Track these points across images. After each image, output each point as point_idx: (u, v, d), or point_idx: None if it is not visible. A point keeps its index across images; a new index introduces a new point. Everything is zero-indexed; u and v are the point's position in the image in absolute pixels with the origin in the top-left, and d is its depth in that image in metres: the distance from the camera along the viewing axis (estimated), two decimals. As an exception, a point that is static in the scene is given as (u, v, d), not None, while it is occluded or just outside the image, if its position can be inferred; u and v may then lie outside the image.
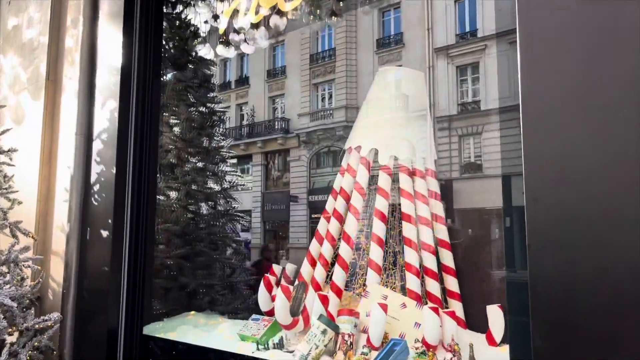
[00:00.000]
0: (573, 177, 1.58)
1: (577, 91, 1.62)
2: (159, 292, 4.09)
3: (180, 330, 3.63)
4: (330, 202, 3.47)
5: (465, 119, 3.26)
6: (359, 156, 3.35)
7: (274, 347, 2.96)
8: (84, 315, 3.48)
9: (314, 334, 2.72)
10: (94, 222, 3.48)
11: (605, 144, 1.56)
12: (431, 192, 3.21)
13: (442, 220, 3.18)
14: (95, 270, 3.42)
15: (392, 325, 2.82)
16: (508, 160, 2.92)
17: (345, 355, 2.68)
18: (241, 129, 5.63)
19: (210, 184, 4.74)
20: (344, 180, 3.41)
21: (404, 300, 2.89)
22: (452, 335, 2.62)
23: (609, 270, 1.49)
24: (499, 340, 2.78)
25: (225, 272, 4.47)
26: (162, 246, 4.19)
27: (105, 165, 3.49)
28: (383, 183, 3.22)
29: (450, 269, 3.09)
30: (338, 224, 3.34)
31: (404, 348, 2.61)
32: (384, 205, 3.19)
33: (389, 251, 3.23)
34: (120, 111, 3.44)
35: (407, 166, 3.20)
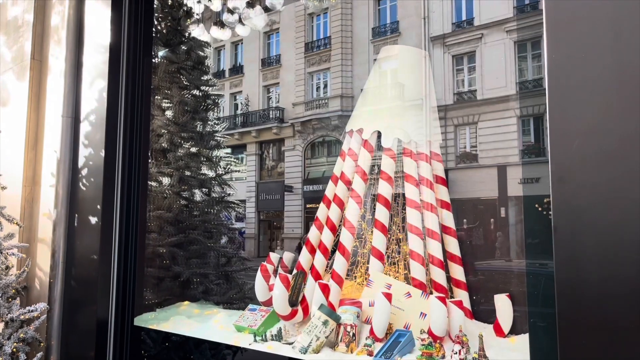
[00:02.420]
0: (602, 153, 1.44)
1: (604, 67, 1.48)
2: (151, 282, 3.93)
3: (174, 321, 3.49)
4: (331, 187, 3.31)
5: (461, 109, 3.17)
6: (361, 139, 3.20)
7: (272, 339, 2.82)
8: (72, 305, 3.32)
9: (314, 324, 2.58)
10: (82, 208, 3.32)
11: (636, 118, 1.42)
12: (436, 176, 3.06)
13: (447, 206, 3.03)
14: (83, 258, 3.26)
15: (397, 315, 2.69)
16: (504, 150, 2.88)
17: (347, 347, 2.55)
18: (235, 118, 5.49)
19: (204, 170, 4.57)
20: (345, 164, 3.25)
21: (409, 289, 2.76)
22: (460, 326, 2.49)
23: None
24: (507, 331, 2.66)
25: (220, 261, 4.31)
26: (154, 234, 4.02)
27: (93, 148, 3.31)
28: (386, 167, 3.07)
29: (456, 257, 2.96)
30: (339, 210, 3.20)
31: (409, 339, 2.48)
32: (387, 190, 3.04)
33: (392, 239, 3.09)
34: (109, 91, 3.26)
35: (411, 149, 3.05)
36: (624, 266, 1.38)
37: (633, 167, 1.40)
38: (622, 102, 1.44)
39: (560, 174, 1.48)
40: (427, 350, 2.37)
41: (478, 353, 2.33)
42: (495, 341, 2.60)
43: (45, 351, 3.31)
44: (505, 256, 2.91)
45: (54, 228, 3.41)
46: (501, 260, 2.93)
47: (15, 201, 3.61)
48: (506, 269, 2.87)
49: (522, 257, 2.81)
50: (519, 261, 2.83)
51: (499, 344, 2.57)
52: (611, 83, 1.46)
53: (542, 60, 2.83)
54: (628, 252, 1.36)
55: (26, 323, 3.21)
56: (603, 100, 1.45)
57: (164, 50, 4.27)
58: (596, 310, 1.43)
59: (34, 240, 3.57)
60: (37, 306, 3.12)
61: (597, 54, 1.49)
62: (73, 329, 3.30)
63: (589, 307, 1.44)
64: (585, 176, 1.45)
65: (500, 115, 3.02)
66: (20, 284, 3.40)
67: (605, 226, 1.42)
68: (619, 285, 1.39)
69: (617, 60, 1.46)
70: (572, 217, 1.47)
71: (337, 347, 2.58)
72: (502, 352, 2.45)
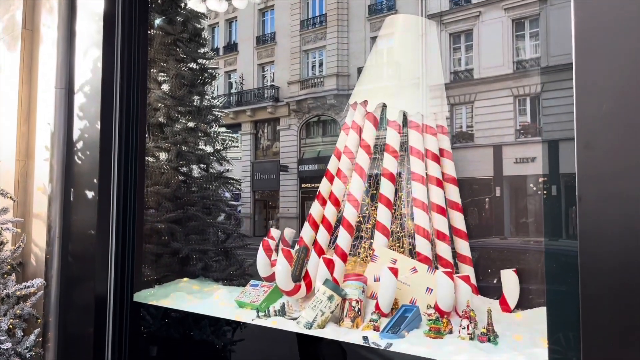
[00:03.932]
0: (633, 118, 1.37)
1: (636, 20, 1.39)
2: (149, 258, 3.87)
3: (173, 297, 3.44)
4: (333, 161, 3.23)
5: (457, 88, 3.12)
6: (365, 112, 3.11)
7: (276, 314, 2.77)
8: (69, 281, 3.26)
9: (319, 299, 2.53)
10: (78, 182, 3.22)
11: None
12: (443, 150, 2.99)
13: (454, 180, 2.97)
14: (80, 233, 3.18)
15: (403, 290, 2.64)
16: (500, 129, 2.86)
17: (353, 322, 2.51)
18: (230, 97, 5.39)
19: (202, 146, 4.47)
20: (348, 138, 3.17)
21: (415, 264, 2.71)
22: (467, 301, 2.44)
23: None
24: (513, 306, 2.63)
25: (219, 238, 4.25)
26: (152, 210, 3.94)
27: (88, 121, 3.21)
28: (391, 140, 2.99)
29: (462, 232, 2.91)
30: (342, 185, 3.12)
31: (416, 314, 2.44)
32: (392, 164, 2.97)
33: (396, 214, 3.03)
34: (104, 61, 3.14)
35: (417, 122, 2.97)
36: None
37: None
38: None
39: (587, 139, 1.40)
40: (434, 325, 2.33)
41: (486, 328, 2.29)
42: (501, 316, 2.56)
43: (43, 328, 3.25)
44: (500, 234, 2.88)
45: (49, 203, 3.33)
46: (496, 238, 2.91)
47: (9, 175, 3.51)
48: (502, 247, 2.86)
49: (516, 235, 2.80)
50: (514, 239, 2.81)
51: (506, 319, 2.54)
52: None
53: (540, 38, 2.78)
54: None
55: (23, 299, 3.15)
56: (633, 60, 1.37)
57: (160, 19, 4.12)
58: (620, 281, 1.37)
59: (29, 216, 3.48)
60: (34, 282, 3.05)
61: (627, 7, 1.40)
62: (71, 306, 3.24)
63: (613, 278, 1.38)
64: (614, 142, 1.38)
65: (496, 95, 2.96)
66: (15, 260, 3.32)
67: (634, 196, 1.35)
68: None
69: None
70: (598, 186, 1.40)
71: (343, 322, 2.54)
72: (509, 327, 2.42)
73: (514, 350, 2.16)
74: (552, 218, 2.15)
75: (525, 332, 2.34)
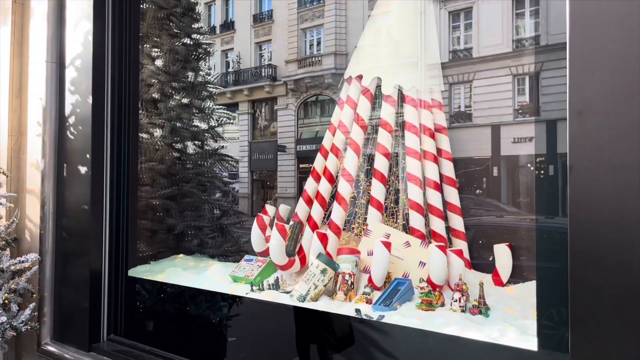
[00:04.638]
0: (626, 85, 1.35)
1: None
2: (144, 234, 3.87)
3: (169, 273, 3.45)
4: (328, 137, 3.21)
5: (456, 67, 3.08)
6: (360, 86, 3.08)
7: (269, 288, 2.79)
8: (64, 256, 3.26)
9: (312, 273, 2.54)
10: (70, 158, 3.20)
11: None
12: (438, 125, 2.97)
13: (448, 155, 2.96)
14: (74, 209, 3.17)
15: (396, 264, 2.65)
16: (498, 109, 2.84)
17: (345, 296, 2.52)
18: (227, 76, 5.33)
19: (196, 122, 4.44)
20: (343, 113, 3.14)
21: (408, 238, 2.71)
22: (460, 275, 2.46)
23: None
24: (505, 280, 2.64)
25: (214, 214, 4.25)
26: (146, 187, 3.93)
27: (80, 95, 3.17)
28: (386, 115, 2.96)
29: (456, 207, 2.90)
30: (337, 161, 3.11)
31: (408, 288, 2.45)
32: (387, 139, 2.95)
33: (390, 189, 3.03)
34: (95, 34, 3.09)
35: (412, 97, 2.94)
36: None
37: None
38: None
39: (580, 106, 1.39)
40: (426, 298, 2.35)
41: (478, 300, 2.31)
42: (493, 290, 2.58)
43: (39, 302, 3.27)
44: (496, 212, 2.86)
45: (42, 179, 3.31)
46: (492, 216, 2.90)
47: (2, 151, 3.49)
48: (498, 225, 2.86)
49: (512, 214, 2.79)
50: (510, 217, 2.80)
51: (498, 292, 2.56)
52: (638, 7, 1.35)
53: (540, 16, 2.75)
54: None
55: (18, 274, 3.15)
56: (628, 26, 1.34)
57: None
58: (611, 251, 1.37)
59: (23, 192, 3.47)
60: (28, 257, 3.06)
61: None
62: (66, 281, 3.25)
63: (604, 248, 1.38)
64: (608, 110, 1.36)
65: (495, 74, 2.93)
66: (10, 235, 3.32)
67: (626, 166, 1.34)
68: (638, 226, 1.33)
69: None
70: (589, 155, 1.39)
71: (336, 296, 2.55)
72: (501, 299, 2.43)
73: (504, 322, 2.18)
74: (548, 196, 2.17)
75: (516, 305, 2.36)
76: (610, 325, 1.39)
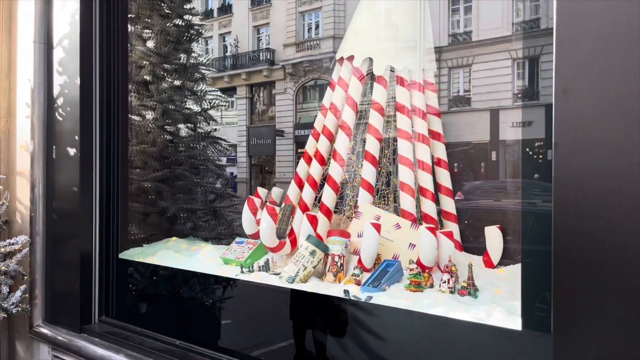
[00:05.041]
0: (613, 61, 1.32)
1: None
2: (137, 217, 3.86)
3: (160, 255, 3.44)
4: (320, 119, 3.19)
5: (455, 51, 3.04)
6: (351, 67, 3.04)
7: (259, 270, 2.78)
8: (55, 239, 3.26)
9: (301, 255, 2.53)
10: (59, 140, 3.18)
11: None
12: (430, 107, 2.94)
13: (440, 137, 2.93)
14: (63, 191, 3.15)
15: (385, 246, 2.64)
16: (497, 93, 2.81)
17: (335, 277, 2.52)
18: (225, 60, 5.27)
19: (189, 105, 4.40)
20: (334, 94, 3.11)
21: (398, 220, 2.70)
22: (449, 257, 2.45)
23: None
24: (496, 262, 2.63)
25: (207, 197, 4.23)
26: (138, 169, 3.90)
27: (68, 76, 3.13)
28: (378, 97, 2.93)
29: (447, 189, 2.88)
30: (328, 143, 3.08)
31: (397, 269, 2.45)
32: (378, 121, 2.92)
33: (382, 171, 3.01)
34: (82, 13, 3.04)
35: (404, 77, 2.91)
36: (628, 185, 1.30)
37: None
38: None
39: (565, 84, 1.36)
40: (415, 279, 2.34)
41: (467, 282, 2.30)
42: (484, 271, 2.57)
43: (30, 285, 3.27)
44: (493, 196, 2.86)
45: (32, 161, 3.29)
46: (489, 199, 2.88)
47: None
48: (494, 208, 2.85)
49: (509, 197, 2.77)
50: (507, 201, 2.78)
51: (488, 274, 2.55)
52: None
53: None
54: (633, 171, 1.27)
55: (8, 257, 3.15)
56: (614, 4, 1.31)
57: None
58: (595, 228, 1.36)
59: (13, 174, 3.45)
60: (18, 239, 3.05)
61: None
62: (57, 263, 3.24)
63: (588, 226, 1.37)
64: (593, 87, 1.33)
65: (494, 58, 2.89)
66: (0, 218, 3.31)
67: (610, 143, 1.32)
68: (621, 204, 1.31)
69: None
70: (575, 132, 1.37)
71: (325, 277, 2.55)
72: (490, 281, 2.43)
73: (492, 303, 2.18)
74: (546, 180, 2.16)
75: (506, 286, 2.36)
76: (593, 305, 1.38)
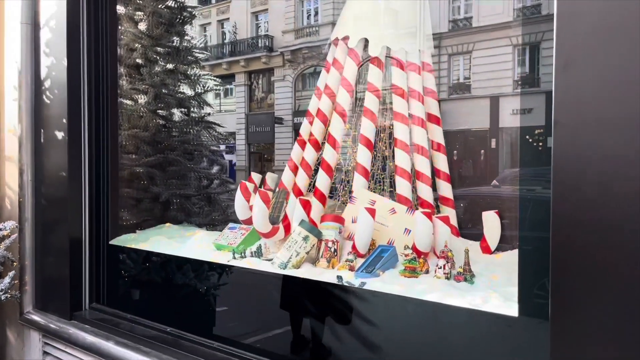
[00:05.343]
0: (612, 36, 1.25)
1: None
2: (129, 203, 3.80)
3: (153, 242, 3.38)
4: (314, 102, 3.11)
5: (455, 37, 2.98)
6: (347, 48, 2.95)
7: (252, 256, 2.72)
8: (44, 224, 3.19)
9: (294, 240, 2.48)
10: (47, 123, 3.10)
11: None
12: (427, 89, 2.86)
13: (437, 120, 2.86)
14: (52, 176, 3.08)
15: (380, 232, 2.58)
16: (497, 80, 2.80)
17: (328, 263, 2.46)
18: (223, 47, 5.20)
19: (183, 89, 4.32)
20: (329, 76, 3.03)
21: (394, 205, 2.64)
22: (445, 242, 2.39)
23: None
24: (494, 248, 2.58)
25: (201, 183, 4.17)
26: (130, 155, 3.84)
27: (55, 58, 3.04)
28: (373, 78, 2.85)
29: (444, 174, 2.83)
30: (322, 126, 3.01)
31: (392, 255, 2.39)
32: (373, 103, 2.84)
33: (377, 155, 2.94)
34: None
35: (400, 58, 2.82)
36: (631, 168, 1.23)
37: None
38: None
39: (566, 59, 1.29)
40: (410, 265, 2.28)
41: (463, 267, 2.25)
42: (481, 257, 2.52)
43: (20, 271, 3.22)
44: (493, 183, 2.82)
45: (20, 145, 3.21)
46: (489, 186, 2.85)
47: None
48: (493, 194, 2.80)
49: (509, 184, 2.74)
50: (507, 187, 2.74)
51: (485, 259, 2.50)
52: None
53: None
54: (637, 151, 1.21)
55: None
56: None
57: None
58: (596, 212, 1.30)
59: (1, 159, 3.38)
60: (6, 224, 2.99)
61: None
62: (47, 249, 3.19)
63: (588, 209, 1.30)
64: (594, 62, 1.26)
65: (495, 44, 2.85)
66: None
67: (613, 120, 1.25)
68: (624, 186, 1.25)
69: None
70: (575, 110, 1.30)
71: (318, 263, 2.49)
72: (487, 267, 2.37)
73: (489, 289, 2.12)
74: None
75: (503, 272, 2.30)
76: (591, 291, 1.33)
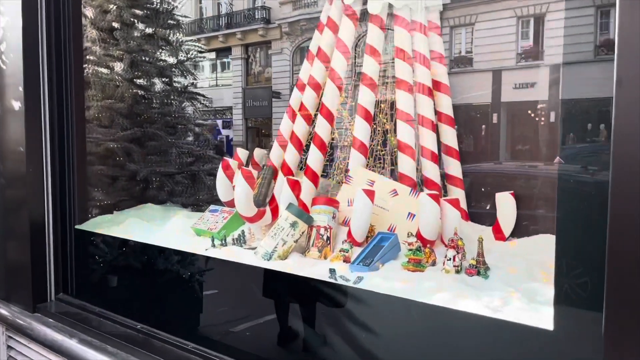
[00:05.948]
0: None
1: None
2: (104, 181, 3.47)
3: (128, 224, 3.06)
4: (305, 67, 2.75)
5: (457, 8, 2.69)
6: (343, 5, 2.57)
7: (233, 243, 2.40)
8: (5, 206, 2.86)
9: (280, 227, 2.15)
10: (3, 92, 2.73)
11: None
12: (434, 52, 2.50)
13: (446, 89, 2.51)
14: (10, 151, 2.74)
15: (380, 216, 2.26)
16: (500, 53, 2.62)
17: (320, 253, 2.14)
18: (219, 19, 4.91)
19: (164, 57, 3.94)
20: (322, 38, 2.66)
21: (396, 186, 2.31)
22: (455, 229, 2.06)
23: None
24: (508, 234, 2.26)
25: (184, 160, 3.83)
26: (104, 128, 3.48)
27: (11, 17, 2.66)
28: (374, 40, 2.48)
29: (453, 150, 2.49)
30: (315, 95, 2.66)
31: (394, 244, 2.07)
32: (373, 69, 2.48)
33: (377, 129, 2.59)
34: (21, -63, 2.54)
35: (404, 17, 2.45)
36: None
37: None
38: None
39: None
40: (414, 256, 1.96)
41: (476, 259, 1.92)
42: (494, 245, 2.20)
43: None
44: (495, 159, 2.55)
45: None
46: (491, 163, 2.58)
47: None
48: (497, 171, 2.54)
49: (511, 161, 2.51)
50: (509, 164, 2.51)
51: (499, 248, 2.18)
52: None
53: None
54: None
55: (-47, 226, 2.77)
56: None
57: None
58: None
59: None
60: (-42, 206, 2.66)
61: None
62: (9, 233, 2.87)
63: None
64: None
65: (498, 16, 2.58)
66: (-58, 182, 2.91)
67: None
68: None
69: None
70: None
71: (308, 253, 2.17)
72: (502, 257, 2.05)
73: (507, 285, 1.80)
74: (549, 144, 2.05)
75: (521, 263, 1.99)
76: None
